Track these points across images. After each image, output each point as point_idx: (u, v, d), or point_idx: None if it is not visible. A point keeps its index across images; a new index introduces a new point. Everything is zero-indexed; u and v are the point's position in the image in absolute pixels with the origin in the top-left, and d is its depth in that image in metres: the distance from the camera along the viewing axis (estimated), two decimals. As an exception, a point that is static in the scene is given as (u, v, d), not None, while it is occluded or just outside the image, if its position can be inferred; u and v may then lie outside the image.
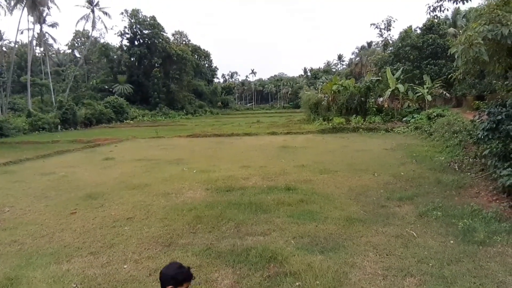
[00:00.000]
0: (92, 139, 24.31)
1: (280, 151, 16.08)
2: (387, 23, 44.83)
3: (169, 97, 66.08)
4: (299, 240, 5.54)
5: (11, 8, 45.89)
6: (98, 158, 15.91)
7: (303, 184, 9.16)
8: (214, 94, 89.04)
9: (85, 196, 8.92)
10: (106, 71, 66.34)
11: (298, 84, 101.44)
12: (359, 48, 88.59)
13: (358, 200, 7.69)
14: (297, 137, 22.10)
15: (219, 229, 6.13)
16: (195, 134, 26.01)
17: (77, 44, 72.11)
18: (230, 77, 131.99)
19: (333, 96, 31.30)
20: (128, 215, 7.22)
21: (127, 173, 11.87)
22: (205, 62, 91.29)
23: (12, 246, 5.89)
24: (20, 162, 15.63)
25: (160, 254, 5.24)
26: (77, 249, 5.62)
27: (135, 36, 64.97)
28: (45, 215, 7.54)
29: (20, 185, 10.81)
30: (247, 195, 8.22)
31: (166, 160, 14.38)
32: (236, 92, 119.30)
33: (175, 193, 8.86)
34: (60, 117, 38.56)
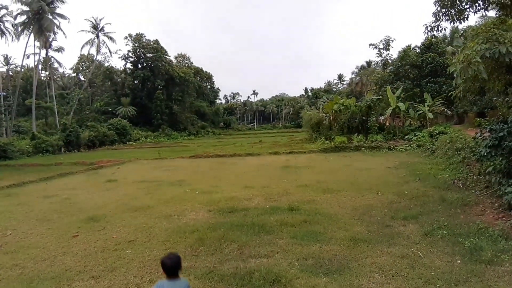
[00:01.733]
0: (95, 161, 24.36)
1: (283, 171, 16.04)
2: (386, 43, 45.39)
3: (172, 119, 66.61)
4: (303, 262, 5.45)
5: (18, 34, 46.96)
6: (100, 180, 15.90)
7: (306, 204, 9.08)
8: (216, 115, 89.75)
9: (87, 218, 8.86)
10: (110, 94, 67.25)
11: (300, 104, 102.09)
12: (359, 68, 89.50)
13: (362, 219, 7.61)
14: (299, 157, 22.07)
15: (222, 252, 6.05)
16: (198, 155, 26.05)
17: (81, 68, 73.31)
18: (232, 98, 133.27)
19: (335, 115, 31.44)
20: (130, 237, 7.16)
21: (129, 195, 11.83)
22: (207, 83, 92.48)
23: (13, 270, 5.83)
24: (23, 185, 15.62)
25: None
26: (78, 273, 5.55)
27: (139, 60, 66.15)
28: (47, 238, 7.48)
29: (22, 208, 10.77)
30: (250, 216, 8.14)
31: (169, 182, 14.34)
32: (238, 113, 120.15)
33: (177, 215, 8.79)
34: (63, 140, 38.77)
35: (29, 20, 45.35)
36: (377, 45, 46.05)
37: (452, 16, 9.34)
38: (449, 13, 9.33)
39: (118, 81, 67.78)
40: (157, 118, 63.44)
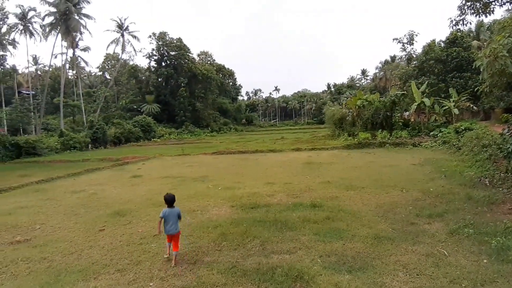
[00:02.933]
0: (120, 157, 24.93)
1: (305, 167, 15.95)
2: (410, 37, 44.27)
3: (195, 115, 67.36)
4: (326, 259, 5.42)
5: (46, 34, 48.52)
6: (126, 176, 16.26)
7: (329, 201, 9.02)
8: (238, 112, 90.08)
9: (113, 213, 9.09)
10: (134, 92, 68.58)
11: (322, 99, 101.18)
12: (383, 63, 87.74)
13: (386, 217, 7.49)
14: (322, 153, 21.89)
15: (244, 247, 6.09)
16: (220, 151, 26.22)
17: (107, 67, 75.06)
18: (254, 95, 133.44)
19: (358, 111, 30.97)
20: (155, 232, 7.23)
21: (154, 191, 12.05)
22: (229, 80, 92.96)
23: (42, 263, 6.02)
24: (52, 181, 16.15)
25: (186, 272, 5.24)
26: (104, 266, 5.69)
27: (163, 58, 67.13)
28: (74, 232, 7.71)
29: (51, 202, 11.15)
30: (272, 212, 8.16)
31: (192, 178, 14.52)
32: (260, 109, 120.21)
33: (200, 210, 8.91)
34: (90, 137, 39.89)
35: (56, 21, 46.72)
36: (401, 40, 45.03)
37: (477, 10, 9.01)
38: (474, 7, 9.02)
39: (143, 79, 69.05)
40: (181, 115, 64.33)
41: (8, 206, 10.90)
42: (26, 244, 7.11)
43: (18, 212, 9.94)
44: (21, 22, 48.80)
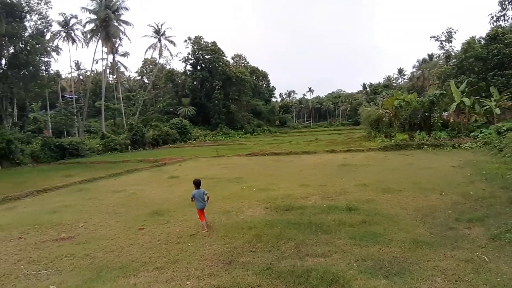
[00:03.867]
0: (158, 159, 25.65)
1: (340, 169, 15.72)
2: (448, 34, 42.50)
3: (229, 117, 68.18)
4: (362, 263, 5.31)
5: (87, 41, 50.86)
6: (164, 177, 16.71)
7: (365, 204, 8.83)
8: (272, 113, 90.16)
9: (152, 212, 9.34)
10: (171, 95, 70.44)
11: (357, 100, 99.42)
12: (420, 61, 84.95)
13: (424, 221, 7.24)
14: (357, 155, 21.50)
15: (279, 249, 6.08)
16: (254, 152, 26.37)
17: (145, 71, 77.51)
18: (288, 96, 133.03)
19: (395, 112, 30.13)
20: (192, 231, 7.44)
21: (190, 191, 12.09)
22: (263, 82, 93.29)
23: (84, 260, 6.24)
24: (94, 181, 16.87)
25: (221, 272, 5.29)
26: (143, 264, 5.83)
27: (198, 61, 68.50)
28: (115, 231, 7.99)
29: (93, 202, 11.64)
30: (306, 215, 8.09)
31: (226, 179, 14.68)
32: (293, 111, 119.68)
33: (235, 211, 8.99)
34: (130, 139, 41.39)
35: (97, 28, 48.87)
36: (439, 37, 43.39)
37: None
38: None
39: (179, 83, 70.75)
40: (215, 117, 65.32)
41: (53, 204, 11.49)
42: (70, 241, 7.42)
43: (63, 211, 10.44)
44: (64, 29, 51.49)
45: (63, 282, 5.29)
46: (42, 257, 6.51)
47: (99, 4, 48.28)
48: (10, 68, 35.65)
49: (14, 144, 29.94)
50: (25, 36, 35.80)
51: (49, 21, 40.03)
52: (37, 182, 17.22)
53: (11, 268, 6.05)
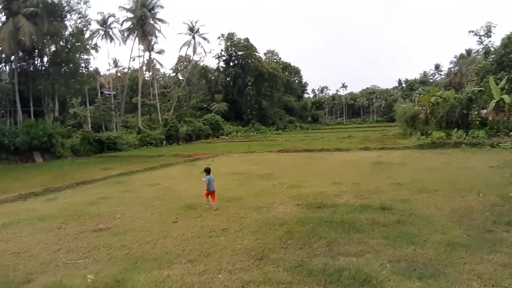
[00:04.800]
0: (192, 154, 26.14)
1: (374, 167, 15.40)
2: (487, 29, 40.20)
3: (261, 113, 68.33)
4: (395, 264, 5.19)
5: (124, 39, 52.46)
6: (197, 171, 16.98)
7: (400, 204, 8.61)
8: (304, 109, 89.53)
9: (185, 206, 9.54)
10: (204, 91, 71.49)
11: (392, 96, 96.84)
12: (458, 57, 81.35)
13: (461, 223, 6.97)
14: (392, 153, 20.97)
15: (311, 247, 6.05)
16: (286, 149, 26.30)
17: (180, 68, 78.90)
18: (320, 92, 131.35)
19: (431, 109, 29.12)
20: (223, 226, 7.52)
21: (222, 186, 12.41)
22: (295, 78, 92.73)
23: (121, 250, 6.44)
24: (131, 174, 17.42)
25: (252, 267, 5.32)
26: (177, 256, 5.96)
27: (231, 58, 69.00)
28: (150, 223, 8.21)
29: (130, 194, 12.04)
30: (339, 213, 8.00)
31: (258, 175, 14.75)
32: (326, 107, 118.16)
33: (266, 207, 9.01)
34: (165, 134, 42.47)
35: (133, 26, 50.23)
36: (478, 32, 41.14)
37: None
38: None
39: (212, 79, 71.58)
40: (247, 113, 65.67)
41: (92, 196, 11.97)
42: (107, 232, 7.69)
43: (101, 202, 10.85)
44: (102, 27, 53.26)
45: (100, 272, 5.46)
46: (80, 247, 6.77)
47: (135, 2, 49.55)
48: (52, 65, 37.47)
49: (56, 138, 31.46)
50: (65, 35, 37.50)
51: (88, 20, 41.72)
52: (77, 174, 18.04)
53: (51, 256, 6.33)
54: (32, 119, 33.39)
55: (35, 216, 9.42)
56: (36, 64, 37.96)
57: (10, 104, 35.32)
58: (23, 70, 36.14)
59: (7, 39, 31.09)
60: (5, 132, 28.88)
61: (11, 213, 10.03)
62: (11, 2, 32.38)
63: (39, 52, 36.67)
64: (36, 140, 29.61)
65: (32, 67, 37.39)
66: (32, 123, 31.49)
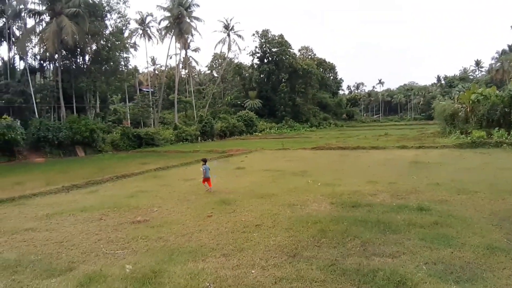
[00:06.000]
0: (226, 150, 26.49)
1: (411, 166, 15.00)
2: (530, 24, 37.82)
3: (295, 110, 68.00)
4: (432, 267, 5.05)
5: (162, 37, 53.74)
6: (230, 167, 17.25)
7: (438, 205, 8.34)
8: (338, 106, 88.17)
9: (219, 201, 9.69)
10: (239, 88, 72.03)
11: (431, 93, 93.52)
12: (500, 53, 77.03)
13: (501, 226, 6.67)
14: (430, 152, 20.30)
15: (344, 246, 5.99)
16: (320, 146, 26.06)
17: (215, 65, 79.92)
18: (356, 88, 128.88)
19: (472, 107, 27.89)
20: (257, 222, 7.58)
21: (256, 182, 12.56)
22: (330, 74, 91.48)
23: (158, 242, 6.64)
24: (167, 169, 17.90)
25: (285, 264, 5.33)
26: (211, 250, 6.07)
27: (265, 54, 68.99)
28: (186, 216, 8.42)
29: (166, 188, 12.39)
30: (374, 213, 7.86)
31: (291, 172, 14.73)
32: (362, 104, 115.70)
33: (300, 204, 9.00)
34: (200, 130, 43.30)
35: (170, 25, 51.30)
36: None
37: None
38: None
39: (246, 76, 71.98)
40: (281, 110, 65.53)
41: (131, 189, 12.45)
42: (145, 224, 7.94)
43: (139, 195, 11.25)
44: (141, 26, 54.75)
45: (137, 262, 5.64)
46: (119, 237, 7.04)
47: (172, 1, 50.56)
48: (93, 63, 39.05)
49: (97, 133, 32.87)
50: (106, 34, 38.94)
51: (127, 19, 43.15)
52: (117, 168, 18.76)
53: (92, 246, 6.62)
54: (75, 115, 35.04)
55: (77, 207, 9.90)
56: (78, 62, 39.70)
57: (54, 101, 37.14)
58: (66, 68, 37.89)
59: (51, 39, 32.59)
60: (50, 127, 30.48)
61: (55, 204, 10.59)
62: (54, 3, 33.98)
63: (81, 51, 38.24)
64: (79, 135, 31.09)
65: (74, 65, 39.12)
66: (75, 118, 33.04)
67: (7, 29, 36.57)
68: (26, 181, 15.78)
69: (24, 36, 36.71)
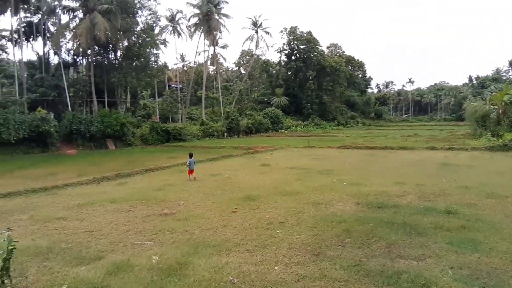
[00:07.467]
0: (251, 146, 26.64)
1: (440, 168, 14.63)
2: None
3: (321, 108, 67.39)
4: (457, 271, 4.96)
5: (191, 34, 54.42)
6: (256, 164, 17.35)
7: (466, 208, 8.14)
8: (367, 105, 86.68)
9: (244, 197, 9.81)
10: (265, 85, 72.00)
11: (462, 93, 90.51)
12: (534, 53, 73.30)
13: (532, 233, 6.44)
14: (460, 154, 19.74)
15: (369, 247, 5.96)
16: (346, 145, 25.78)
17: (242, 62, 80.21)
18: (385, 87, 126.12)
19: (504, 108, 26.91)
20: (281, 219, 7.63)
21: (281, 180, 12.61)
22: (358, 72, 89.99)
23: (183, 235, 6.80)
24: (195, 164, 18.20)
25: (309, 262, 5.36)
26: (235, 245, 6.18)
27: (292, 52, 68.69)
28: (211, 211, 8.58)
29: (193, 183, 12.65)
30: (401, 214, 7.76)
31: (317, 170, 14.67)
32: (390, 103, 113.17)
33: (325, 203, 8.98)
34: (226, 126, 43.73)
35: (200, 22, 51.84)
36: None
37: None
38: None
39: (273, 73, 71.89)
40: (307, 107, 65.12)
41: (159, 183, 12.78)
42: (172, 216, 8.15)
43: (166, 189, 11.55)
44: (171, 23, 55.64)
45: (164, 254, 5.80)
46: (147, 229, 7.26)
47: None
48: (125, 59, 40.10)
49: (127, 127, 33.83)
50: (137, 31, 39.83)
51: (158, 16, 43.91)
52: (145, 161, 19.27)
53: (121, 236, 6.86)
54: (106, 109, 36.13)
55: (107, 199, 10.27)
56: (110, 58, 40.87)
57: (86, 95, 38.51)
58: (98, 63, 39.12)
59: (84, 35, 33.72)
60: (82, 120, 31.68)
61: (85, 195, 11.02)
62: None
63: (113, 47, 39.34)
64: (110, 129, 32.10)
65: (106, 61, 40.30)
66: (106, 112, 34.12)
67: (42, 25, 38.09)
68: (58, 171, 16.49)
69: (58, 32, 38.12)
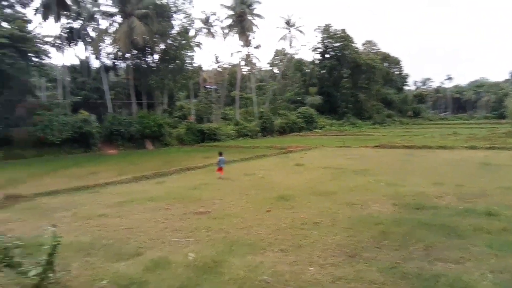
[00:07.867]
0: (285, 146, 26.66)
1: (481, 168, 14.08)
2: None
3: (357, 107, 66.11)
4: (498, 275, 4.79)
5: (225, 35, 55.07)
6: (290, 164, 17.36)
7: (508, 210, 7.79)
8: (404, 103, 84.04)
9: (278, 197, 9.87)
10: (299, 84, 71.47)
11: (503, 90, 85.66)
12: None
13: None
14: (501, 153, 18.92)
15: (406, 249, 5.85)
16: (383, 144, 25.22)
17: (275, 62, 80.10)
18: (423, 84, 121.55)
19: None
20: (315, 219, 7.62)
21: (315, 179, 12.58)
22: (395, 69, 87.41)
23: (219, 233, 6.95)
24: (228, 163, 18.36)
25: (344, 264, 5.32)
26: (269, 244, 6.23)
27: (326, 50, 67.76)
28: (245, 210, 8.72)
29: (227, 182, 12.89)
30: (439, 216, 7.56)
31: (352, 170, 14.50)
32: (429, 101, 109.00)
33: (360, 204, 8.89)
34: (260, 126, 43.99)
35: (233, 23, 52.32)
36: None
37: None
38: None
39: (307, 72, 71.26)
40: (342, 106, 64.09)
41: (195, 182, 13.10)
42: (207, 215, 8.36)
43: (202, 188, 11.83)
44: (205, 26, 56.46)
45: (200, 251, 5.96)
46: (184, 227, 7.49)
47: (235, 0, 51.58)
48: (162, 62, 41.19)
49: (164, 128, 34.86)
50: (173, 34, 40.79)
51: (192, 19, 44.74)
52: (182, 161, 19.77)
53: (159, 234, 7.11)
54: (145, 111, 37.33)
55: (146, 197, 10.65)
56: (148, 61, 42.09)
57: (126, 97, 39.94)
58: (136, 66, 40.38)
59: (123, 39, 34.95)
60: (122, 121, 32.95)
61: (125, 193, 11.48)
62: (125, 4, 36.30)
63: (150, 50, 40.48)
64: (148, 129, 33.20)
65: (144, 64, 41.59)
66: (145, 114, 35.32)
67: (83, 30, 39.91)
68: (100, 171, 17.25)
69: (98, 37, 39.77)
